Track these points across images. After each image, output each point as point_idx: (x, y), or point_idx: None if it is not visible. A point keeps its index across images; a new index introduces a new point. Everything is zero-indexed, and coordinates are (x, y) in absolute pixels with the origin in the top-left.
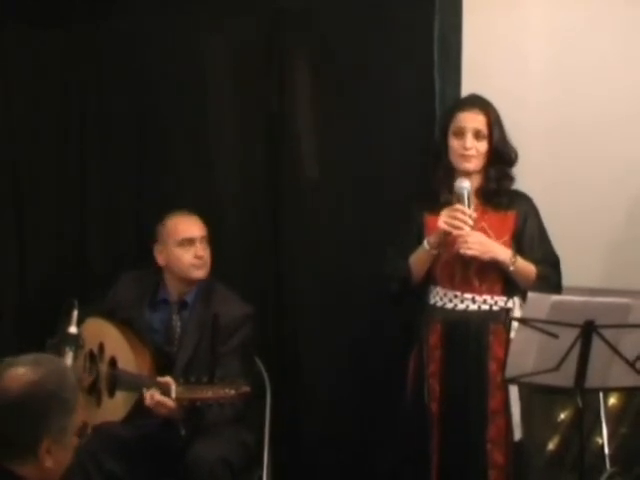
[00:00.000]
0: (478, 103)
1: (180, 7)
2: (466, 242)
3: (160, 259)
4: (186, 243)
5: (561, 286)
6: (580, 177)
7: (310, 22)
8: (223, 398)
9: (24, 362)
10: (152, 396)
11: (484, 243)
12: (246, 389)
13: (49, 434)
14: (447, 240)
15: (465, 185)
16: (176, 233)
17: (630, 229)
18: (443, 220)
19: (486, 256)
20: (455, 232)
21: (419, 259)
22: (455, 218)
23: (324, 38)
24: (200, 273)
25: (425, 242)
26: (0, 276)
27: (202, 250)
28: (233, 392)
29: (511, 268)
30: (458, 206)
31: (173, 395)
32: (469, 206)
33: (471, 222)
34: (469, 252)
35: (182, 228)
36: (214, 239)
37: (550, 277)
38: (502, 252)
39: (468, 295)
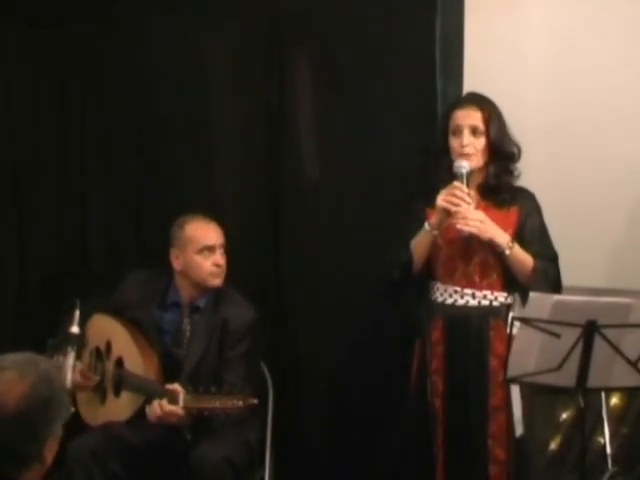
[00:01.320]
0: (474, 100)
1: (180, 7)
2: (465, 218)
3: (176, 264)
4: (206, 251)
5: (560, 282)
6: (580, 177)
7: (310, 22)
8: (230, 409)
9: (5, 365)
10: (162, 406)
11: (484, 221)
12: (253, 401)
13: (51, 436)
14: (447, 222)
15: (464, 164)
16: (196, 240)
17: (631, 229)
18: (442, 198)
19: (485, 235)
20: (454, 209)
21: (420, 242)
22: (453, 195)
23: (324, 38)
24: (218, 281)
25: (426, 224)
26: (0, 276)
27: (221, 258)
28: (240, 404)
29: (507, 252)
30: (456, 184)
31: (181, 404)
32: (467, 185)
33: (469, 199)
34: (466, 228)
35: (202, 235)
36: None
37: (548, 271)
38: (500, 235)
39: (468, 290)
